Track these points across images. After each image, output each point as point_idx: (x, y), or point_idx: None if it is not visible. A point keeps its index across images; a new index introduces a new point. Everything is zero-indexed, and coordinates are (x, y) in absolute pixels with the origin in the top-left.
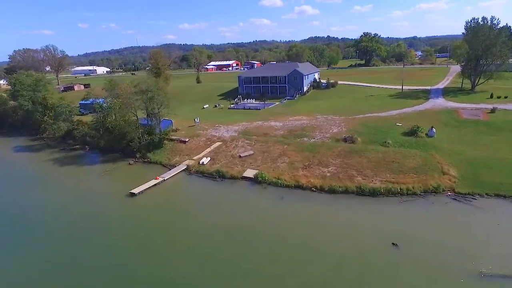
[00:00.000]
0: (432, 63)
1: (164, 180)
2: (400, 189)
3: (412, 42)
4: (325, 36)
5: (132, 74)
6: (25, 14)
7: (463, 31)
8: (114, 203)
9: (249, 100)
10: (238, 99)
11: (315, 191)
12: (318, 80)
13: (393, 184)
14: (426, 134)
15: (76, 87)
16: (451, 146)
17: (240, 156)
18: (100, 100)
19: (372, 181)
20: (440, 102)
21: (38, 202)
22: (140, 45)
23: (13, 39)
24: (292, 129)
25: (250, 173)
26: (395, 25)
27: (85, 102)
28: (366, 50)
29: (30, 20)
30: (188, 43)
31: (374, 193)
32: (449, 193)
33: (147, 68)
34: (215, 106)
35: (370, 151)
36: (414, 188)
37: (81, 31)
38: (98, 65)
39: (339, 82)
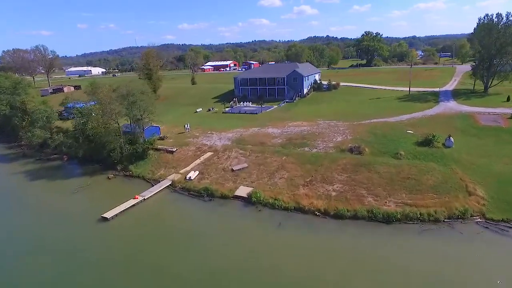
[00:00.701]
0: (436, 63)
1: (144, 199)
2: (420, 214)
3: (412, 41)
4: (324, 36)
5: (113, 76)
6: (22, 14)
7: (470, 30)
8: (81, 231)
9: (245, 103)
10: (234, 102)
11: (318, 215)
12: (319, 82)
13: (410, 207)
14: (443, 144)
15: (65, 89)
16: (472, 158)
17: (232, 170)
18: (80, 104)
19: (386, 203)
20: (452, 106)
21: None
22: (139, 45)
23: (11, 39)
24: (292, 137)
25: (243, 191)
26: (394, 25)
27: (71, 105)
28: (368, 50)
29: (28, 21)
30: (187, 43)
31: (388, 219)
32: (479, 220)
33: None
34: (209, 109)
35: (381, 165)
36: (436, 213)
37: (80, 32)
38: (95, 66)
39: (341, 83)
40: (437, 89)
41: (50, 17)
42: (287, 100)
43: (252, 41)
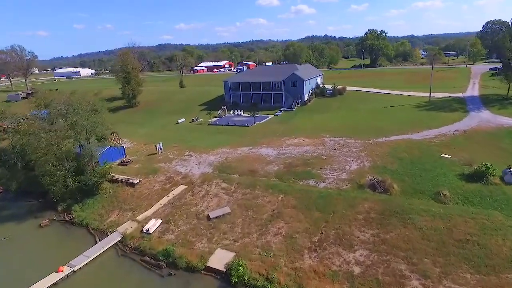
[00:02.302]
0: (444, 63)
1: (74, 271)
2: None
3: (411, 40)
4: (322, 35)
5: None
6: (19, 14)
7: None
8: None
9: (236, 112)
10: (222, 111)
11: None
12: (321, 86)
13: None
14: (501, 178)
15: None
16: None
17: (209, 218)
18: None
19: None
20: (488, 117)
21: None
22: (136, 45)
23: (6, 41)
24: (291, 162)
25: (219, 259)
26: (392, 24)
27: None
28: (372, 49)
29: (24, 21)
30: (184, 43)
31: None
32: None
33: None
34: (193, 120)
35: (421, 214)
36: None
37: (77, 32)
38: (88, 67)
39: (347, 88)
40: (460, 95)
41: (46, 17)
42: (285, 108)
43: (250, 40)
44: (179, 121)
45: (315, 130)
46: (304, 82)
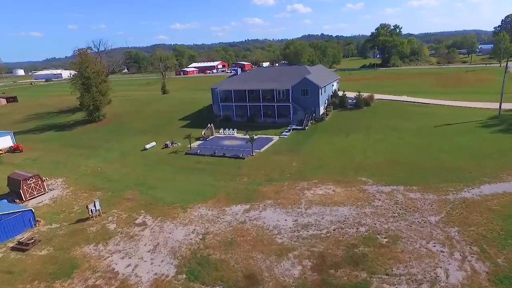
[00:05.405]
0: (464, 62)
1: None
2: None
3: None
4: (319, 34)
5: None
6: (13, 14)
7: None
8: None
9: (228, 131)
10: (208, 130)
11: None
12: (341, 95)
13: None
14: None
15: None
16: None
17: None
18: None
19: None
20: None
21: None
22: (130, 46)
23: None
24: (324, 251)
25: None
26: (387, 23)
27: None
28: (384, 47)
29: (18, 21)
30: (179, 43)
31: None
32: None
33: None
34: (166, 145)
35: None
36: None
37: (71, 33)
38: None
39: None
40: None
41: (40, 18)
42: (293, 126)
43: (245, 40)
44: (147, 146)
45: (346, 167)
46: (320, 90)
